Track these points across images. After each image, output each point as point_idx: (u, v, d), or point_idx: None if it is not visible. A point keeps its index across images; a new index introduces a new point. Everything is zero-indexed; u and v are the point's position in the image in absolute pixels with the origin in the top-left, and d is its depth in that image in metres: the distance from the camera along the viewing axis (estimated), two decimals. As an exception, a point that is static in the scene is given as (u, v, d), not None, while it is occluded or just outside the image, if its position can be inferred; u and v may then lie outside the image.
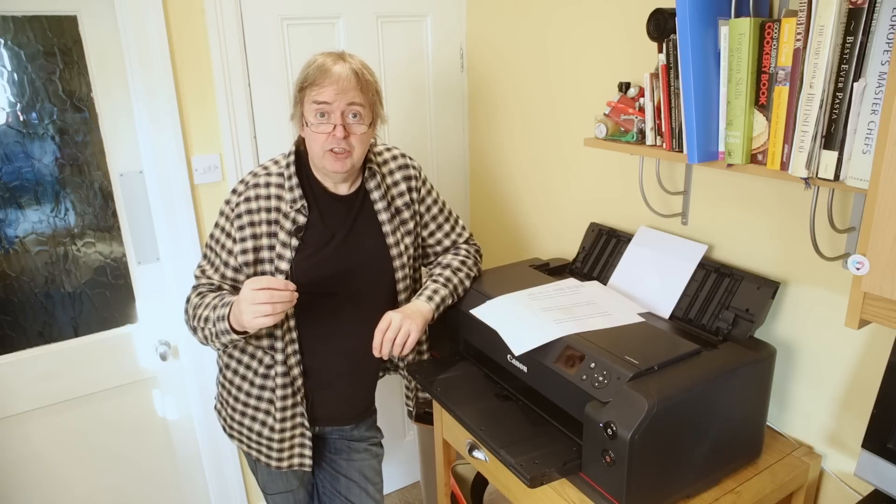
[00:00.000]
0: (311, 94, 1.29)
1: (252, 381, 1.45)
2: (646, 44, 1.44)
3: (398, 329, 1.36)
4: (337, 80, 1.28)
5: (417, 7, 2.08)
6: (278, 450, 1.48)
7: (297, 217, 1.36)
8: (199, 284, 1.43)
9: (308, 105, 1.30)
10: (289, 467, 1.50)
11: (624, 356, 1.17)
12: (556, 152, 1.92)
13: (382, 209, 1.45)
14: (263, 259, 1.37)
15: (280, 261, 1.36)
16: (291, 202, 1.36)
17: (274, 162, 1.41)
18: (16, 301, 1.77)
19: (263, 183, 1.37)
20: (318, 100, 1.28)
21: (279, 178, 1.38)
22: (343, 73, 1.28)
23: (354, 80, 1.29)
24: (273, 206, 1.36)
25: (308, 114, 1.31)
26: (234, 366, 1.46)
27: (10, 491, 1.84)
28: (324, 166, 1.34)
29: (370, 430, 1.66)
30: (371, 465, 1.65)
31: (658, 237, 1.55)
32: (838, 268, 1.25)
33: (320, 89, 1.28)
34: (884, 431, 1.08)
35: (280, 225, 1.36)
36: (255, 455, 1.51)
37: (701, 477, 1.21)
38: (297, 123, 1.36)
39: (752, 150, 1.16)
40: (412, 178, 1.51)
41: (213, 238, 1.41)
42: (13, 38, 1.62)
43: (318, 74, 1.28)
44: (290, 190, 1.37)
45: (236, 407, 1.49)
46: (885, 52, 0.92)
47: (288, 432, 1.46)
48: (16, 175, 1.70)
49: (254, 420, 1.47)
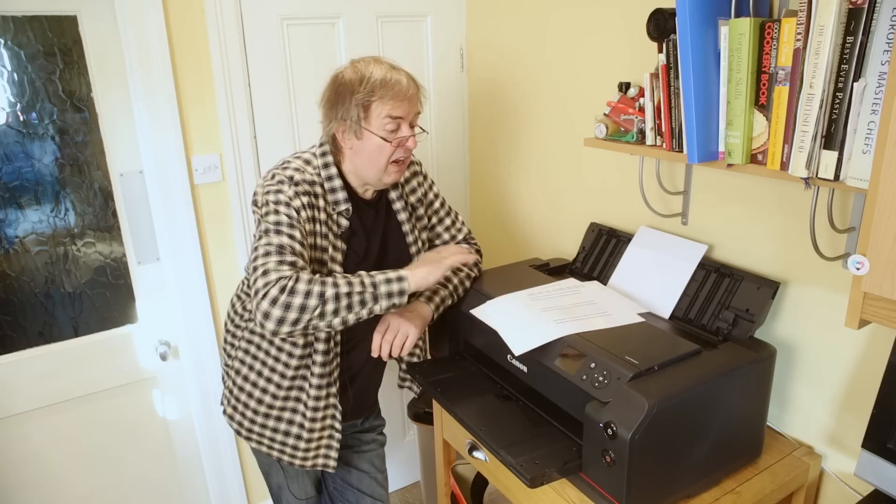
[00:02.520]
0: (384, 108, 1.29)
1: (281, 378, 1.40)
2: (646, 44, 1.44)
3: (396, 331, 1.37)
4: (406, 93, 1.30)
5: (417, 7, 2.08)
6: (304, 449, 1.45)
7: (339, 220, 1.36)
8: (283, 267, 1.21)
9: (379, 119, 1.29)
10: (312, 466, 1.48)
11: (624, 356, 1.17)
12: (556, 152, 1.92)
13: (401, 209, 1.47)
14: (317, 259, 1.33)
15: (333, 263, 1.35)
16: (334, 204, 1.35)
17: (305, 161, 1.36)
18: (16, 301, 1.77)
19: (309, 181, 1.32)
20: (393, 114, 1.29)
21: (317, 177, 1.35)
22: (410, 86, 1.31)
23: (416, 89, 1.33)
24: (320, 204, 1.34)
25: (378, 129, 1.30)
26: (259, 367, 1.43)
27: (10, 491, 1.84)
28: (381, 178, 1.35)
29: (377, 418, 1.71)
30: (379, 454, 1.71)
31: (658, 237, 1.55)
32: (838, 268, 1.25)
33: (396, 103, 1.29)
34: (884, 431, 1.08)
35: (328, 226, 1.34)
36: (277, 455, 1.47)
37: (701, 477, 1.21)
38: (348, 134, 1.32)
39: (752, 150, 1.16)
40: (418, 173, 1.53)
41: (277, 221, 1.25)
42: (13, 38, 1.62)
43: (387, 89, 1.28)
44: (331, 192, 1.35)
45: (259, 409, 1.45)
46: (885, 52, 0.92)
47: (317, 433, 1.44)
48: (16, 175, 1.70)
49: (279, 420, 1.44)
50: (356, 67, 1.31)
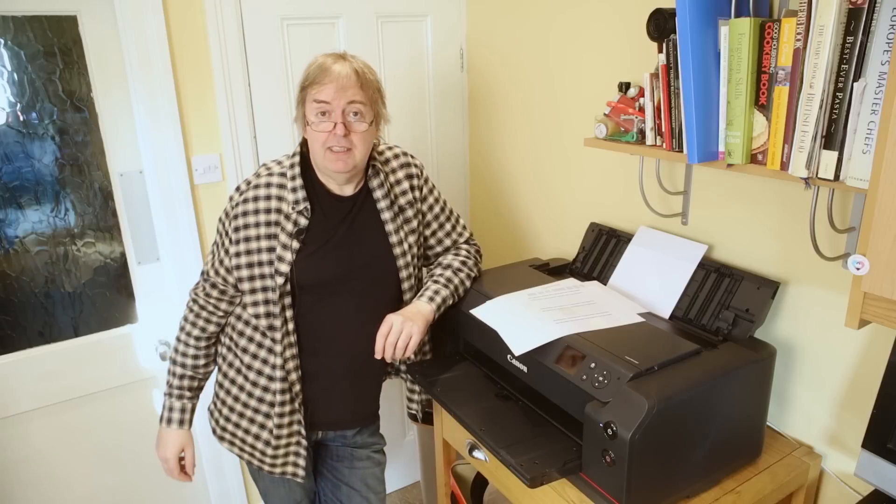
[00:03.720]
0: (312, 92, 1.29)
1: (255, 383, 1.43)
2: (646, 44, 1.44)
3: (399, 332, 1.36)
4: (337, 78, 1.28)
5: (417, 7, 2.08)
6: (272, 455, 1.46)
7: (298, 219, 1.36)
8: (196, 290, 1.45)
9: (309, 104, 1.31)
10: (282, 474, 1.49)
11: (624, 356, 1.17)
12: (556, 152, 1.92)
13: (385, 208, 1.43)
14: (262, 262, 1.36)
15: (280, 263, 1.35)
16: (294, 203, 1.36)
17: (277, 162, 1.41)
18: (16, 301, 1.77)
19: (265, 183, 1.37)
20: (318, 98, 1.29)
21: (281, 178, 1.37)
22: (343, 72, 1.29)
23: (355, 79, 1.30)
24: (273, 206, 1.36)
25: (309, 113, 1.31)
26: (238, 365, 1.45)
27: (10, 490, 1.84)
28: (325, 166, 1.34)
29: (373, 436, 1.63)
30: (373, 474, 1.63)
31: (658, 237, 1.55)
32: (838, 268, 1.25)
33: (321, 87, 1.28)
34: (884, 431, 1.08)
35: (281, 226, 1.36)
36: (248, 457, 1.49)
37: (701, 477, 1.21)
38: (300, 124, 1.36)
39: (752, 150, 1.16)
40: (414, 176, 1.50)
41: (217, 233, 1.43)
42: (13, 38, 1.62)
43: (318, 73, 1.29)
44: (292, 191, 1.36)
45: (234, 407, 1.47)
46: (885, 52, 0.92)
47: (283, 439, 1.44)
48: (16, 175, 1.70)
49: (251, 422, 1.45)
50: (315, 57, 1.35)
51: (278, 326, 1.37)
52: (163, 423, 1.48)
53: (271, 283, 1.36)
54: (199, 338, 1.46)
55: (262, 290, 1.37)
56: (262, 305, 1.37)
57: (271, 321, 1.37)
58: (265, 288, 1.37)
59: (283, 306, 1.36)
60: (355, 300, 1.43)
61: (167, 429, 1.48)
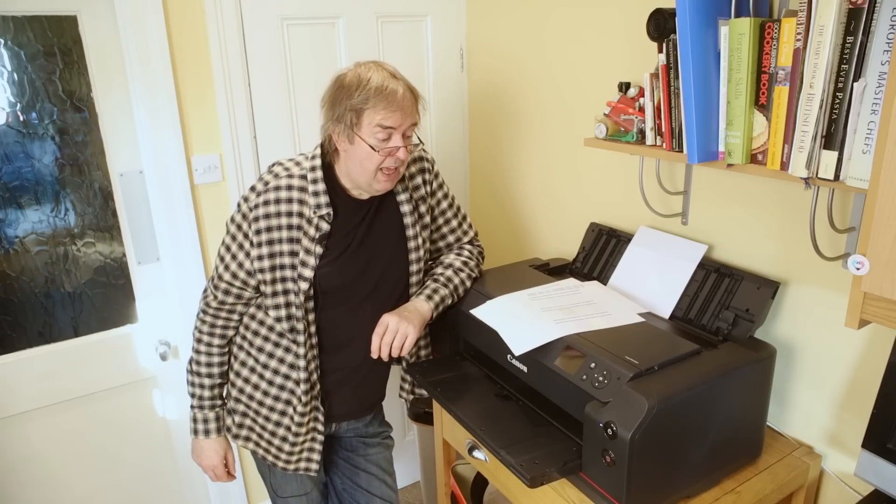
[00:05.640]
0: (376, 117, 1.26)
1: (271, 381, 1.44)
2: (646, 44, 1.44)
3: (395, 332, 1.37)
4: (401, 103, 1.27)
5: (417, 7, 2.08)
6: (288, 452, 1.47)
7: (320, 223, 1.34)
8: (207, 300, 1.43)
9: (369, 127, 1.27)
10: (295, 470, 1.50)
11: (624, 356, 1.17)
12: (556, 152, 1.92)
13: (405, 200, 1.44)
14: (284, 265, 1.35)
15: (304, 268, 1.34)
16: (316, 207, 1.34)
17: (295, 163, 1.38)
18: (16, 301, 1.77)
19: (285, 185, 1.34)
20: (384, 124, 1.27)
21: (301, 180, 1.34)
22: (406, 96, 1.29)
23: (411, 99, 1.30)
24: (296, 210, 1.34)
25: (368, 136, 1.27)
26: (251, 364, 1.46)
27: (10, 490, 1.84)
28: (370, 184, 1.33)
29: (381, 425, 1.70)
30: (386, 457, 1.70)
31: (658, 237, 1.55)
32: (838, 268, 1.25)
33: (388, 113, 1.26)
34: (884, 431, 1.08)
35: (303, 231, 1.34)
36: (262, 454, 1.50)
37: (701, 477, 1.21)
38: (342, 137, 1.31)
39: (752, 150, 1.16)
40: (426, 170, 1.50)
41: (229, 235, 1.38)
42: (13, 38, 1.62)
43: (380, 97, 1.26)
44: (314, 195, 1.34)
45: (250, 405, 1.48)
46: (885, 52, 0.92)
47: (301, 436, 1.46)
48: (16, 175, 1.70)
49: (267, 420, 1.46)
50: (357, 71, 1.29)
51: (301, 329, 1.37)
52: (199, 436, 1.49)
53: (293, 287, 1.35)
54: (221, 345, 1.47)
55: (284, 293, 1.37)
56: (284, 308, 1.37)
57: (293, 323, 1.38)
58: (287, 291, 1.36)
59: (305, 310, 1.37)
60: (374, 298, 1.44)
61: (206, 439, 1.50)
